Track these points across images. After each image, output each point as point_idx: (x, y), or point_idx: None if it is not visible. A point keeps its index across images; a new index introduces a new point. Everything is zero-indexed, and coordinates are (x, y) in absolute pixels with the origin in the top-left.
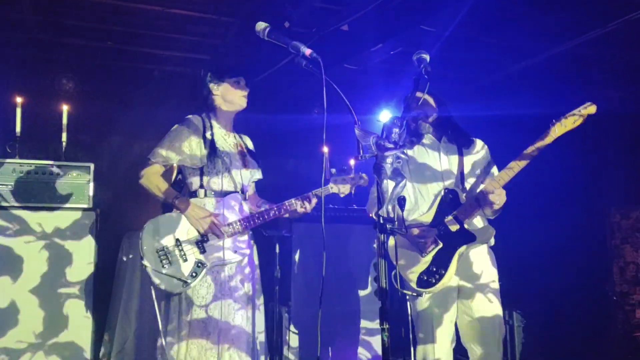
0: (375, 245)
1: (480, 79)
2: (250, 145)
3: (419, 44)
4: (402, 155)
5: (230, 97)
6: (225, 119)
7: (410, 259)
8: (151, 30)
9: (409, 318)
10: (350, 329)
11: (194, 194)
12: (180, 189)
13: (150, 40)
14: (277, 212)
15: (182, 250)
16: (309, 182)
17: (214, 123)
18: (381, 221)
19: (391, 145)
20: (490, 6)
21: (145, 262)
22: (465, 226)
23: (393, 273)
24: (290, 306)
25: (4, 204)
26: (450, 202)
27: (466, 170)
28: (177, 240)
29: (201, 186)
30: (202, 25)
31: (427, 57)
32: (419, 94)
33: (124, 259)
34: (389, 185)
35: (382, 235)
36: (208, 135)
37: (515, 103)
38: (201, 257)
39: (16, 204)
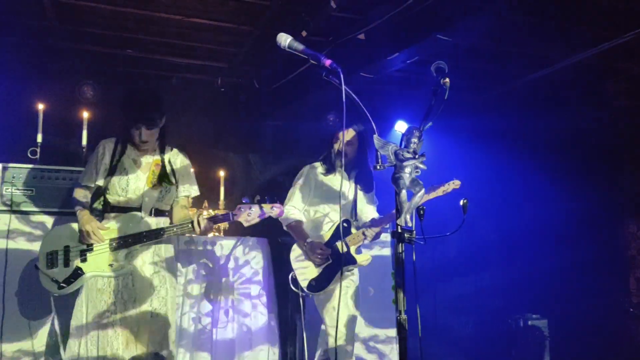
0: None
1: (495, 88)
2: (179, 164)
3: (435, 54)
4: (421, 165)
5: (143, 137)
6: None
7: (305, 267)
8: (170, 38)
9: (301, 308)
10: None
11: (94, 209)
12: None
13: (169, 49)
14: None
15: (67, 256)
16: None
17: (129, 146)
18: (399, 230)
19: (410, 155)
20: (507, 17)
21: (37, 263)
22: (351, 251)
23: (290, 275)
24: (304, 314)
25: (25, 209)
26: (344, 230)
27: (359, 207)
28: (67, 246)
29: (104, 202)
30: (221, 33)
31: (445, 67)
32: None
33: None
34: (406, 195)
35: (400, 245)
36: (116, 157)
37: (527, 114)
38: (81, 265)
39: (37, 209)
